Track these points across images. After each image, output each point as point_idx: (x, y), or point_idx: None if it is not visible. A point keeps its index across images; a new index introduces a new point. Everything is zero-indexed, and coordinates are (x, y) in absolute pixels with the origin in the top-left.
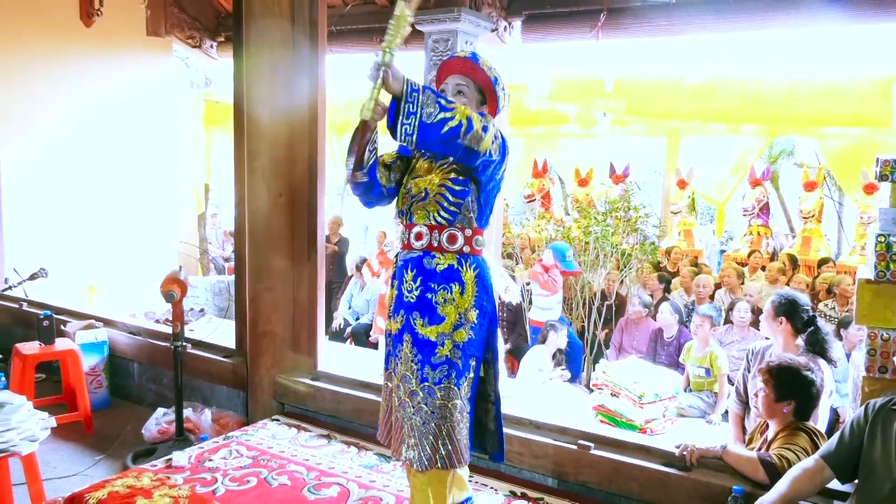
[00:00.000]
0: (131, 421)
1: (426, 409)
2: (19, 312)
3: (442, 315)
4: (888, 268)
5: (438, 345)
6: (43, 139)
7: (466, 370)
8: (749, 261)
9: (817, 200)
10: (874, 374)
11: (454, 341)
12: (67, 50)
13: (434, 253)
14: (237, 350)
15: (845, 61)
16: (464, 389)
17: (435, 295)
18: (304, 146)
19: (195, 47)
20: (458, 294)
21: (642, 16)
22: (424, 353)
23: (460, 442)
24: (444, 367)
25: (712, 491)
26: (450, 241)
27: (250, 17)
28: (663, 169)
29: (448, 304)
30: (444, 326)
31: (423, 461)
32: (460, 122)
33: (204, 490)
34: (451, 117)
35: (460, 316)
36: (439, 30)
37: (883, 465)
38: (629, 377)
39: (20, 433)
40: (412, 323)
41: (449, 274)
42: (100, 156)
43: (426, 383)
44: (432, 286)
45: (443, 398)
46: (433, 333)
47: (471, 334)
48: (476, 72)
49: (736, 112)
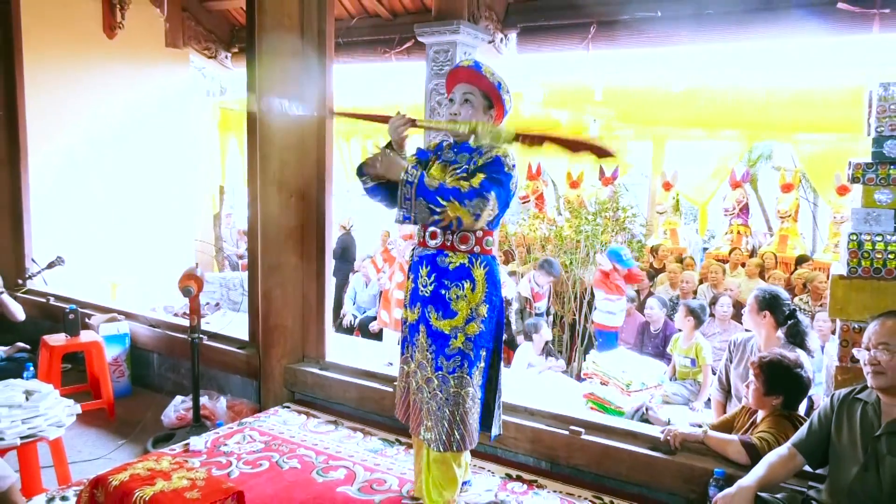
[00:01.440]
0: (151, 408)
1: (441, 395)
2: (47, 307)
3: (455, 310)
4: (860, 264)
5: (451, 337)
6: (69, 144)
7: (478, 360)
8: (730, 257)
9: (793, 201)
10: (846, 363)
11: (466, 334)
12: (92, 60)
13: (447, 252)
14: (250, 341)
15: (820, 71)
16: (476, 378)
17: (448, 291)
18: (313, 150)
19: (211, 58)
20: (469, 290)
21: (630, 28)
22: (438, 344)
23: (471, 426)
24: (457, 358)
25: (695, 473)
26: (462, 241)
27: (262, 30)
28: (649, 172)
29: (460, 300)
30: (457, 320)
31: (440, 443)
32: (450, 223)
33: (219, 473)
34: (441, 219)
35: (472, 311)
36: (440, 41)
37: (850, 450)
38: (617, 367)
39: (48, 419)
40: (427, 315)
41: (461, 272)
42: (122, 159)
43: (440, 372)
44: (445, 283)
45: (456, 386)
46: (447, 327)
47: (481, 327)
48: (480, 79)
49: (717, 119)
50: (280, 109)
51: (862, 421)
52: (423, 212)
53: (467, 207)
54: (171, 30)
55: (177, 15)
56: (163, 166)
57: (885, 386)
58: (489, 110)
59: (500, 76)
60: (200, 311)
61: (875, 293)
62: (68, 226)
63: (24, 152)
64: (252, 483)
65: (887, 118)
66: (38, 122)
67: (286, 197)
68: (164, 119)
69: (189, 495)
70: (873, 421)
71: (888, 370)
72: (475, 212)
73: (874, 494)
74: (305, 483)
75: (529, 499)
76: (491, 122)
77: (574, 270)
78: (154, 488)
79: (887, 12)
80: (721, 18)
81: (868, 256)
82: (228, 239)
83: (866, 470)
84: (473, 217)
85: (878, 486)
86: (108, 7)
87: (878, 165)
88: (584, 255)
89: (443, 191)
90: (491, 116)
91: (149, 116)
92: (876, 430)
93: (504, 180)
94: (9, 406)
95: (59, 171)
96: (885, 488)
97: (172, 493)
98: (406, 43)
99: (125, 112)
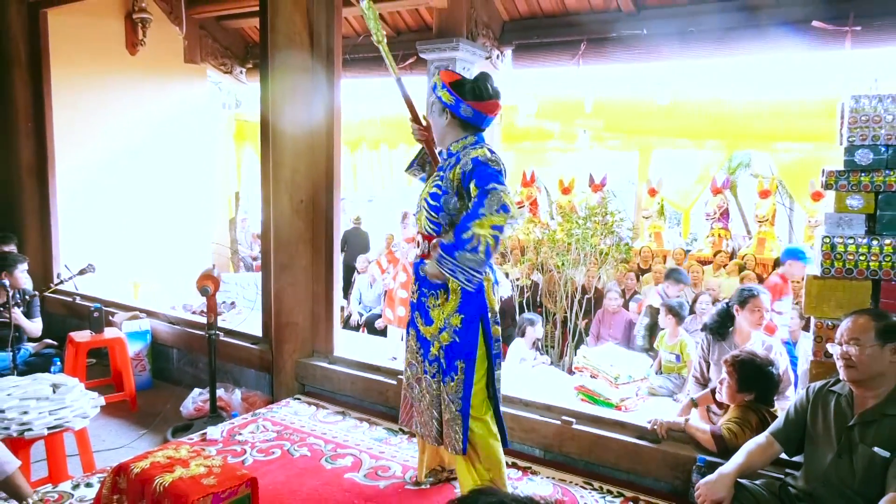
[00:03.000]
0: (171, 400)
1: (429, 396)
2: (73, 305)
3: (432, 318)
4: (833, 265)
5: (431, 344)
6: (94, 153)
7: (452, 371)
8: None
9: (771, 206)
10: (820, 358)
11: (441, 342)
12: (115, 75)
13: (425, 260)
14: (263, 337)
15: (796, 85)
16: (449, 389)
17: (427, 299)
18: (322, 158)
19: (227, 73)
20: (443, 300)
21: (618, 45)
22: (424, 349)
23: (456, 433)
24: (435, 364)
25: (679, 460)
26: (436, 249)
27: (275, 47)
28: (636, 179)
29: (435, 309)
30: (434, 328)
31: (432, 438)
32: (495, 236)
33: (234, 460)
34: (479, 245)
35: (444, 321)
36: (440, 57)
37: (824, 439)
38: (606, 361)
39: (73, 411)
40: (415, 320)
41: (436, 281)
42: (143, 168)
43: (426, 375)
44: (424, 291)
45: (437, 390)
46: (427, 333)
47: (455, 338)
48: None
49: (699, 129)
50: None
51: (836, 412)
52: (466, 259)
53: (484, 215)
54: (189, 47)
55: (195, 33)
56: (182, 174)
57: (856, 378)
58: (443, 112)
59: (437, 77)
60: (217, 309)
61: (847, 292)
62: (93, 230)
63: (52, 162)
64: (265, 470)
65: (858, 129)
66: (64, 134)
67: (297, 202)
68: (182, 130)
69: (206, 482)
70: (846, 412)
71: (858, 364)
72: (492, 210)
73: (847, 480)
74: (315, 470)
75: (524, 485)
76: (447, 120)
77: (565, 271)
78: (173, 475)
79: (858, 30)
80: (703, 36)
81: (841, 258)
82: (243, 242)
83: (840, 457)
84: (498, 212)
85: (851, 473)
86: (131, 26)
87: (849, 173)
88: (575, 257)
89: (461, 227)
90: (447, 114)
91: (168, 128)
92: (849, 420)
93: (494, 173)
94: (37, 398)
95: (84, 179)
96: (857, 474)
97: (190, 480)
98: (409, 59)
99: (146, 124)
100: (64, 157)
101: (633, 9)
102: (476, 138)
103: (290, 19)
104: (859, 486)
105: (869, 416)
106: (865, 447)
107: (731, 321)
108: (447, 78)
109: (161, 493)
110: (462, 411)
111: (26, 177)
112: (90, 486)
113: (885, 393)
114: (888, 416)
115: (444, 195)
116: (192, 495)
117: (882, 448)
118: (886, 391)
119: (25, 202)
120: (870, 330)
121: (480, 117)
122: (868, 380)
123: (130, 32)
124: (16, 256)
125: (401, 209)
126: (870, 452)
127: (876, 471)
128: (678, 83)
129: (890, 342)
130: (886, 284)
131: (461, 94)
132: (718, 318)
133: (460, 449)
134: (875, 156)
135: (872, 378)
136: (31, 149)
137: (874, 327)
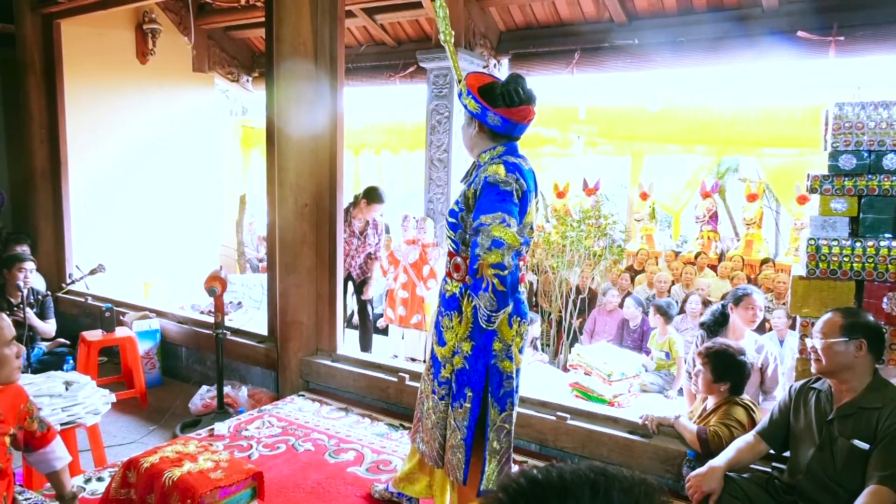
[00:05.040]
0: (180, 397)
1: (434, 416)
2: (85, 305)
3: (445, 339)
4: (818, 266)
5: (442, 366)
6: (105, 158)
7: (461, 398)
8: (696, 260)
9: (758, 210)
10: (805, 355)
11: (453, 366)
12: (126, 84)
13: (447, 278)
14: (269, 336)
15: (782, 92)
16: (457, 414)
17: (443, 319)
18: (326, 163)
19: (234, 81)
20: (456, 323)
21: (611, 54)
22: (435, 368)
23: (458, 461)
24: (445, 387)
25: (670, 455)
26: (455, 268)
27: (280, 56)
28: (628, 183)
29: (448, 331)
30: (447, 350)
31: (432, 458)
32: (493, 286)
33: (241, 455)
34: (486, 290)
35: (456, 345)
36: (439, 66)
37: (806, 434)
38: (600, 359)
39: (85, 407)
40: (431, 340)
41: (452, 302)
42: (153, 172)
43: (433, 395)
44: (442, 310)
45: (443, 411)
46: (440, 354)
47: (465, 364)
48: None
49: (689, 135)
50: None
51: (816, 407)
52: (483, 300)
53: (480, 256)
54: (197, 56)
55: (203, 42)
56: (190, 179)
57: (824, 371)
58: (471, 121)
59: (462, 84)
60: (224, 308)
61: (832, 292)
62: (105, 232)
63: (65, 167)
64: (270, 464)
65: (842, 135)
66: (77, 140)
67: (301, 205)
68: (191, 136)
69: (213, 475)
70: (826, 407)
71: (823, 357)
72: (484, 250)
73: (829, 472)
74: (319, 464)
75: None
76: (475, 129)
77: (560, 272)
78: (182, 469)
79: (842, 40)
80: (693, 45)
81: (825, 259)
82: (250, 244)
83: (821, 450)
84: (490, 249)
85: (832, 464)
86: (141, 36)
87: (833, 177)
88: (570, 258)
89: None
90: (475, 123)
91: (177, 134)
92: (828, 415)
93: (496, 200)
94: (50, 395)
95: (96, 183)
96: (837, 466)
97: (198, 474)
98: (409, 68)
99: (156, 130)
100: (77, 161)
101: (625, 19)
102: (505, 148)
103: (294, 30)
104: (840, 478)
105: (846, 410)
106: (844, 440)
107: (727, 320)
108: (474, 82)
109: (170, 486)
110: (466, 440)
111: (40, 181)
112: (101, 481)
113: (860, 387)
114: (865, 410)
115: (461, 212)
116: (199, 489)
117: (860, 441)
118: (861, 386)
119: (39, 205)
120: (836, 326)
121: (511, 125)
122: (836, 372)
123: (141, 42)
124: (15, 256)
125: (401, 213)
126: (849, 445)
127: (855, 463)
128: (669, 91)
129: (854, 337)
130: (869, 284)
131: (490, 100)
132: (714, 317)
133: (461, 478)
134: (858, 161)
135: (840, 371)
136: (45, 154)
137: (840, 324)
